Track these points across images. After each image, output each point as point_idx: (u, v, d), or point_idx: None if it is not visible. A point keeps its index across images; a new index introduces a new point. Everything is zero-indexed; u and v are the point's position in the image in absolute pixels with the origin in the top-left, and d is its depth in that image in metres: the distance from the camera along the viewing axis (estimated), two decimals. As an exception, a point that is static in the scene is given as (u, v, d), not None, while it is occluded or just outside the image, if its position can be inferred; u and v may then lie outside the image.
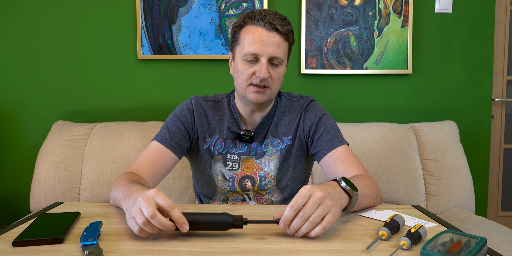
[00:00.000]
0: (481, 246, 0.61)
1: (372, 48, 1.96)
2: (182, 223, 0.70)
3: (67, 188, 1.67)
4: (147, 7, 1.93)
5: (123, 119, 1.96)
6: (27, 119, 1.99)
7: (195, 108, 1.15)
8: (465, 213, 1.60)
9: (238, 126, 1.14)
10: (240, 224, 0.74)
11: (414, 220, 0.84)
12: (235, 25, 1.07)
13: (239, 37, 1.05)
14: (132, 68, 1.98)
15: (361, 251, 0.67)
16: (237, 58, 1.07)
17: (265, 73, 1.01)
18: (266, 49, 1.01)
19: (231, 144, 1.14)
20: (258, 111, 1.13)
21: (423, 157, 1.75)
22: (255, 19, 1.02)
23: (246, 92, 1.06)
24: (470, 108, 2.02)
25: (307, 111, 1.16)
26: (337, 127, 1.15)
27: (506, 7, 2.07)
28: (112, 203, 0.96)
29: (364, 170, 1.05)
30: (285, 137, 1.15)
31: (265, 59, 1.01)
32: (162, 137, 1.10)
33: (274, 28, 1.01)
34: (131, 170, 1.03)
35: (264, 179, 1.14)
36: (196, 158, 1.17)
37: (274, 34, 1.01)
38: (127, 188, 0.85)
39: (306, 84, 2.00)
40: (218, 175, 1.15)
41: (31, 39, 1.96)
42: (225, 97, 1.19)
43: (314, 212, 0.71)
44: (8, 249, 0.68)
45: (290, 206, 0.71)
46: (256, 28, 1.02)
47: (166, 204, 0.70)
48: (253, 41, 1.01)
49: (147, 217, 0.68)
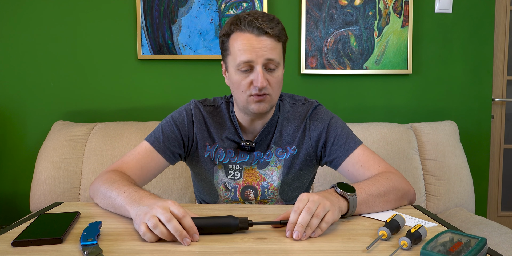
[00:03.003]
0: (481, 246, 0.61)
1: (372, 48, 1.96)
2: (193, 233, 0.72)
3: (67, 188, 1.67)
4: (147, 7, 1.93)
5: (123, 119, 1.96)
6: (27, 119, 1.99)
7: (194, 115, 1.09)
8: (465, 213, 1.60)
9: (239, 135, 1.09)
10: (246, 226, 0.75)
11: (414, 220, 0.84)
12: (222, 33, 1.00)
13: (228, 46, 0.99)
14: (132, 68, 1.98)
15: (361, 251, 0.67)
16: (230, 69, 1.01)
17: (263, 82, 0.95)
18: (259, 54, 0.94)
19: (232, 153, 1.09)
20: (258, 119, 1.07)
21: (423, 157, 1.75)
22: (241, 25, 0.95)
23: (247, 104, 1.00)
24: (470, 108, 2.02)
25: (312, 118, 1.10)
26: (347, 128, 1.10)
27: (506, 7, 2.07)
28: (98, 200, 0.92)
29: (386, 166, 1.02)
30: (289, 147, 1.09)
31: (260, 66, 0.95)
32: (155, 139, 1.05)
33: (264, 32, 0.94)
34: (118, 169, 0.99)
35: (267, 190, 1.10)
36: (196, 166, 1.13)
37: (264, 38, 0.95)
38: (132, 190, 0.84)
39: (306, 84, 2.00)
40: (220, 185, 1.11)
41: (31, 39, 1.95)
42: (224, 101, 1.13)
43: (316, 208, 0.74)
44: (8, 249, 0.68)
45: (294, 211, 0.74)
46: (244, 35, 0.95)
47: (179, 212, 0.72)
48: (244, 49, 0.94)
49: (164, 221, 0.70)
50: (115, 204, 0.85)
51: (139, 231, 0.72)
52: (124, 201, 0.82)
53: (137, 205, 0.78)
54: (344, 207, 0.82)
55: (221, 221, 0.75)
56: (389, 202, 0.92)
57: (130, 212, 0.79)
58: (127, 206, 0.81)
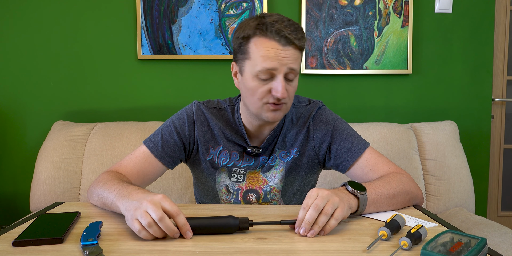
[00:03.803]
0: (482, 246, 0.61)
1: (372, 48, 1.96)
2: (186, 230, 0.72)
3: (67, 188, 1.67)
4: (147, 7, 1.93)
5: (123, 119, 1.96)
6: (27, 119, 1.99)
7: (196, 117, 1.06)
8: (465, 213, 1.60)
9: (245, 140, 1.06)
10: (246, 227, 0.75)
11: (414, 220, 0.84)
12: (242, 35, 0.94)
13: (248, 50, 0.94)
14: (132, 68, 1.98)
15: (362, 251, 0.67)
16: (247, 74, 0.96)
17: (284, 93, 0.91)
18: (283, 63, 0.91)
19: (237, 157, 1.07)
20: (267, 125, 1.04)
21: (423, 157, 1.75)
22: (267, 31, 0.90)
23: (261, 111, 0.97)
24: (470, 108, 2.02)
25: (316, 119, 1.08)
26: (353, 130, 1.07)
27: (506, 7, 2.07)
28: (94, 201, 0.93)
29: (394, 167, 1.01)
30: (292, 149, 1.07)
31: (282, 75, 0.92)
32: (153, 145, 1.03)
33: (291, 42, 0.91)
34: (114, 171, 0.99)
35: (269, 193, 1.08)
36: (197, 169, 1.11)
37: (290, 48, 0.91)
38: (122, 187, 0.84)
39: (306, 84, 2.00)
40: (222, 188, 1.09)
41: (31, 39, 1.95)
42: (229, 105, 1.09)
43: (325, 205, 0.74)
44: (8, 249, 0.68)
45: (302, 208, 0.75)
46: (269, 42, 0.91)
47: (172, 210, 0.71)
48: (268, 56, 0.90)
49: (156, 219, 0.69)
50: (107, 202, 0.85)
51: (132, 228, 0.71)
52: (115, 197, 0.82)
53: (126, 200, 0.77)
54: (355, 205, 0.82)
55: (221, 221, 0.75)
56: (397, 204, 0.92)
57: (120, 207, 0.78)
58: (117, 202, 0.80)
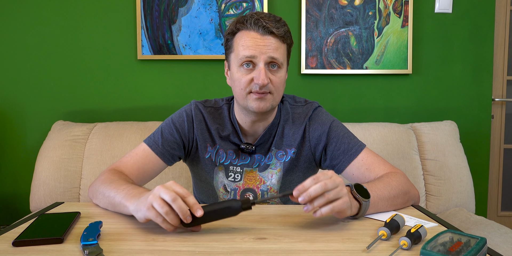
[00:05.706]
0: (481, 246, 0.61)
1: (372, 48, 1.96)
2: (197, 208, 0.73)
3: (67, 188, 1.67)
4: (147, 7, 1.93)
5: (123, 119, 1.96)
6: (27, 119, 1.99)
7: (195, 116, 1.08)
8: (465, 213, 1.60)
9: (239, 137, 1.08)
10: (249, 206, 0.77)
11: (414, 220, 0.84)
12: (227, 32, 1.00)
13: (233, 44, 0.99)
14: (132, 68, 1.98)
15: (361, 251, 0.67)
16: (232, 66, 1.00)
17: (264, 79, 0.94)
18: (262, 51, 0.94)
19: (233, 155, 1.09)
20: (259, 121, 1.05)
21: (423, 157, 1.75)
22: (247, 23, 0.95)
23: (247, 101, 0.98)
24: (470, 108, 2.02)
25: (312, 120, 1.09)
26: (349, 132, 1.09)
27: (506, 7, 2.07)
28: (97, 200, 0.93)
29: (391, 167, 1.02)
30: (289, 149, 1.08)
31: (262, 63, 0.95)
32: (154, 142, 1.05)
33: (269, 31, 0.94)
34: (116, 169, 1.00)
35: (267, 194, 1.09)
36: (196, 167, 1.13)
37: (269, 37, 0.95)
38: (131, 188, 0.85)
39: (306, 84, 2.00)
40: (220, 187, 1.10)
41: (31, 39, 1.95)
42: (225, 103, 1.12)
43: (331, 190, 0.74)
44: (8, 249, 0.68)
45: (312, 178, 0.75)
46: (249, 33, 0.95)
47: (183, 192, 0.74)
48: (247, 45, 0.95)
49: (169, 200, 0.71)
50: (114, 202, 0.86)
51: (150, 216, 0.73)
52: (123, 198, 0.83)
53: (136, 199, 0.79)
54: (355, 209, 0.82)
55: (224, 204, 0.76)
56: (396, 205, 0.92)
57: (129, 207, 0.79)
58: (126, 202, 0.81)
